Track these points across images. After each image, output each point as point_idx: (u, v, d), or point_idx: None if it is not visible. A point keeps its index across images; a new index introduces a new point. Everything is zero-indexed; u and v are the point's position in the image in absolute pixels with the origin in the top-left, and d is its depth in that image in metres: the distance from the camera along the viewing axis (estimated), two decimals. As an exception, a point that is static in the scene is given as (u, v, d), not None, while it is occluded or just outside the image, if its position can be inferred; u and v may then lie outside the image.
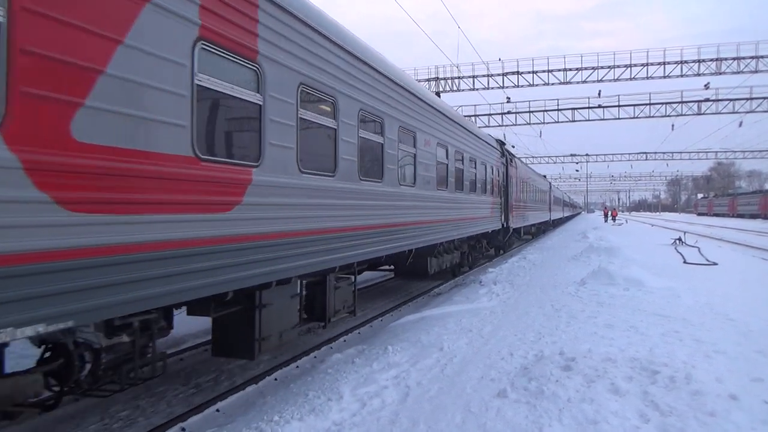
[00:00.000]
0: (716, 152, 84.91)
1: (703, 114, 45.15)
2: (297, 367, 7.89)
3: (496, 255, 24.45)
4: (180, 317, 5.81)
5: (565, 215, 75.15)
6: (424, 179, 10.87)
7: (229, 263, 5.02)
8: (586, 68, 41.07)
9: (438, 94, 27.06)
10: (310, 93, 6.51)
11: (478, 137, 16.70)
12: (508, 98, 45.09)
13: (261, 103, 5.55)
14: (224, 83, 5.00)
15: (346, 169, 7.58)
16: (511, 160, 23.34)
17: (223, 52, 4.97)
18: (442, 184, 12.23)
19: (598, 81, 41.40)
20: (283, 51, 5.88)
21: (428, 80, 40.94)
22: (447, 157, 12.63)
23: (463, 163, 14.19)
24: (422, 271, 12.92)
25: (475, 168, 15.73)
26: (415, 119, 10.49)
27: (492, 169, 18.63)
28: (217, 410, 6.22)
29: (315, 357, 8.35)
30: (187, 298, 4.55)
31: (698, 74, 39.61)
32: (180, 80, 4.42)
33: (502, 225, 20.69)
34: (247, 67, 5.33)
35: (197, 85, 4.63)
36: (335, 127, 7.21)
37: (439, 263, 13.49)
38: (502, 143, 22.31)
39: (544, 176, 49.94)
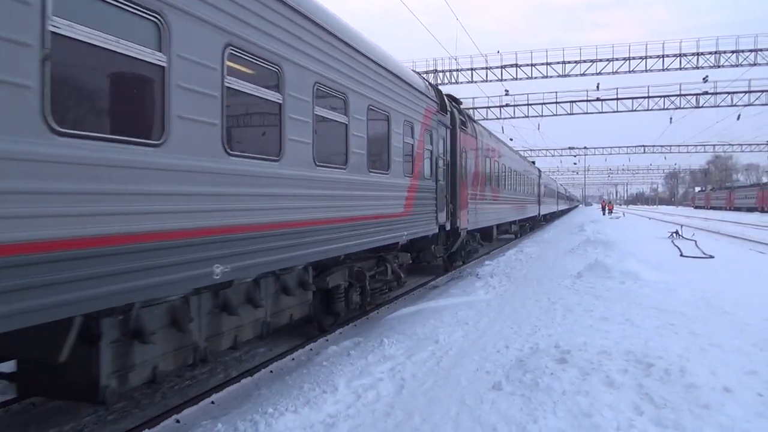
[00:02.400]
0: (714, 145, 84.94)
1: (702, 107, 45.20)
2: (293, 359, 7.89)
3: (447, 270, 16.68)
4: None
5: (560, 209, 67.64)
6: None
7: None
8: (584, 61, 41.04)
9: (437, 86, 24.11)
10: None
11: (353, 48, 7.99)
12: (507, 91, 45.07)
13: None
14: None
15: None
16: (465, 125, 15.56)
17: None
18: (208, 142, 5.01)
19: (597, 74, 41.39)
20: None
21: (427, 72, 40.84)
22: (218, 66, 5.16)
23: (294, 95, 6.38)
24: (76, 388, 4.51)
25: (347, 114, 7.80)
26: None
27: (413, 130, 10.76)
28: (212, 402, 6.22)
29: (311, 349, 8.35)
30: None
31: (697, 67, 39.59)
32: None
33: (441, 227, 12.84)
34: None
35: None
36: None
37: (177, 346, 5.20)
38: (451, 98, 15.48)
39: (533, 162, 44.08)
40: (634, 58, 40.14)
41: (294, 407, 5.13)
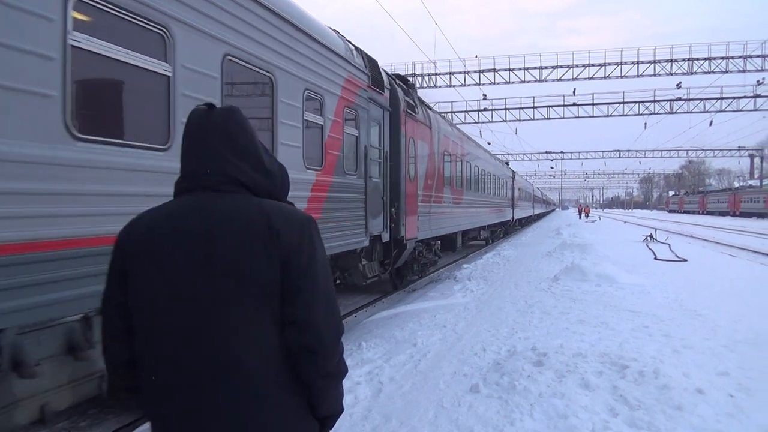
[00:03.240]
0: (687, 150, 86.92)
1: (675, 113, 46.18)
2: (270, 363, 7.83)
3: (396, 288, 13.16)
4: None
5: (536, 213, 64.23)
6: None
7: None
8: (561, 66, 41.63)
9: (415, 90, 19.97)
10: None
11: None
12: (485, 95, 45.37)
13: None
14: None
15: None
16: (414, 109, 12.51)
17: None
18: None
19: (573, 79, 42.04)
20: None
21: (405, 76, 40.99)
22: None
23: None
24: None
25: (171, 61, 4.69)
26: None
27: (323, 106, 7.79)
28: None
29: (289, 353, 8.30)
30: None
31: (671, 73, 40.42)
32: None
33: (375, 238, 10.15)
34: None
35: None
36: None
37: None
38: (397, 77, 12.83)
39: (507, 163, 40.42)
40: (609, 64, 40.84)
41: (271, 412, 5.09)
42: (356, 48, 9.46)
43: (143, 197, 4.13)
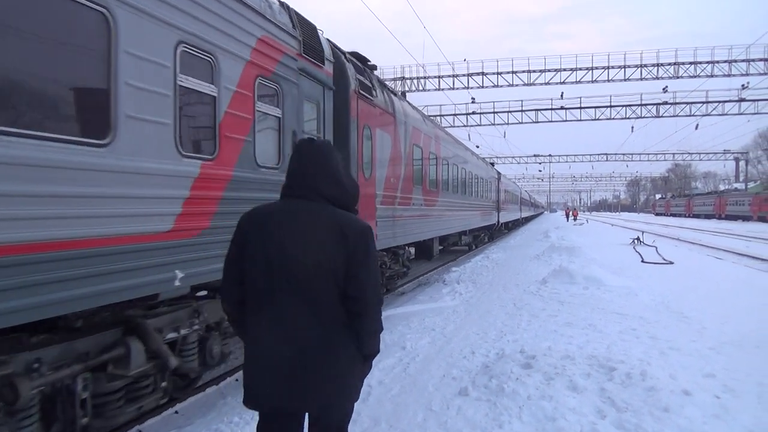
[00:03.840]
0: (673, 154, 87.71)
1: (662, 116, 46.54)
2: (259, 367, 7.79)
3: None
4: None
5: (524, 216, 61.11)
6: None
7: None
8: (549, 70, 41.90)
9: (404, 93, 18.33)
10: None
11: None
12: (473, 99, 45.58)
13: None
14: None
15: None
16: (370, 92, 10.18)
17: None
18: None
19: (561, 83, 42.30)
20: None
21: (394, 80, 41.09)
22: None
23: None
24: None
25: None
26: None
27: (216, 70, 5.33)
28: (176, 412, 6.10)
29: (277, 357, 8.26)
30: None
31: (657, 78, 40.80)
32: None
33: None
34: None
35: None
36: None
37: None
38: (355, 56, 10.52)
39: (492, 164, 36.86)
40: (596, 68, 41.19)
41: (260, 416, 5.07)
42: (281, 3, 7.15)
43: None
